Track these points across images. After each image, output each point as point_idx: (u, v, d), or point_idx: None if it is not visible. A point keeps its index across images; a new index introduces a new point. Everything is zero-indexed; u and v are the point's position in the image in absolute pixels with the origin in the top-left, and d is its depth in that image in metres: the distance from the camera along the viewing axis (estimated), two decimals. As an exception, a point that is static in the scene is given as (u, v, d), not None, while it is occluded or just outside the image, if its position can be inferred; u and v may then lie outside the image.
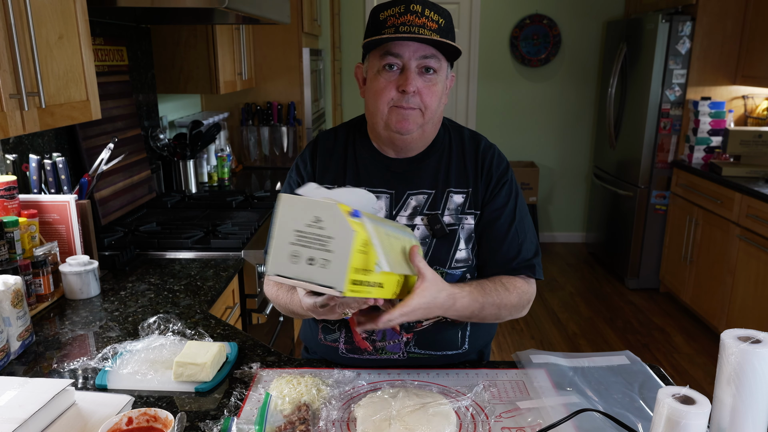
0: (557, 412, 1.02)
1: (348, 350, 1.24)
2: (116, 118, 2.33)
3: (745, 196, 3.06)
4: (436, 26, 1.11)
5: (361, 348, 1.22)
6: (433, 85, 1.14)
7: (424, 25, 1.10)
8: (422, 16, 1.10)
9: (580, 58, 4.77)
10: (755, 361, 0.81)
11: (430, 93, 1.14)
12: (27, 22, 1.28)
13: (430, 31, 1.10)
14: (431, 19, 1.11)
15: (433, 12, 1.12)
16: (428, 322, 1.21)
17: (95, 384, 1.13)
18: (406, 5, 1.11)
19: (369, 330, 1.16)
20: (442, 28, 1.12)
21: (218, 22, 2.69)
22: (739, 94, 3.74)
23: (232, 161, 3.37)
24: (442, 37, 1.10)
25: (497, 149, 1.27)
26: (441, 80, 1.16)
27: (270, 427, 0.99)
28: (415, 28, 1.10)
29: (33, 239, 1.56)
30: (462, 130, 1.29)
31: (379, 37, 1.10)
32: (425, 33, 1.09)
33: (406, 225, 1.19)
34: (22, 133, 1.29)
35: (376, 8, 1.14)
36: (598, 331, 3.54)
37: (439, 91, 1.16)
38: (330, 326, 1.26)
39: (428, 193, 1.21)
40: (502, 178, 1.23)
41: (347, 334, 1.24)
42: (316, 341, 1.30)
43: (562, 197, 5.09)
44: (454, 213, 1.21)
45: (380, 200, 1.21)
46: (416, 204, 1.21)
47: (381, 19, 1.13)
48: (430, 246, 1.20)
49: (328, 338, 1.27)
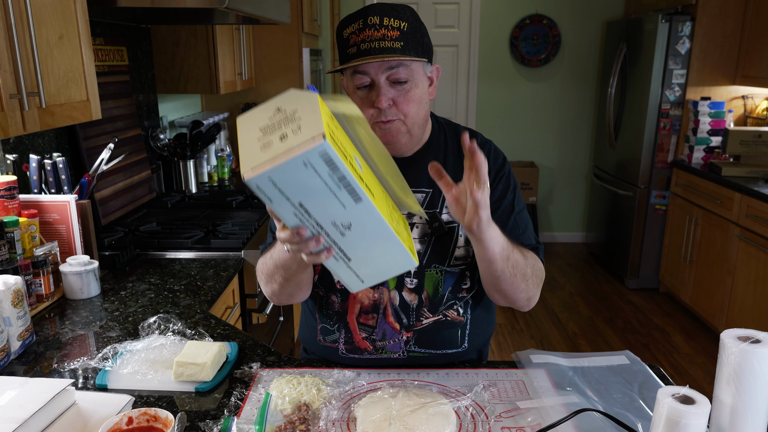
0: (557, 412, 1.02)
1: (348, 350, 1.24)
2: (116, 118, 2.33)
3: (744, 196, 3.06)
4: (397, 33, 1.08)
5: (361, 348, 1.22)
6: (407, 93, 1.13)
7: (383, 37, 1.08)
8: (381, 27, 1.08)
9: (579, 58, 4.77)
10: (755, 361, 0.81)
11: (405, 101, 1.13)
12: (27, 22, 1.28)
13: (392, 41, 1.08)
14: (391, 27, 1.09)
15: (392, 19, 1.09)
16: (428, 321, 1.22)
17: (95, 384, 1.13)
18: (364, 19, 1.09)
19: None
20: (406, 33, 1.09)
21: (218, 22, 2.69)
22: (738, 94, 3.74)
23: (233, 161, 3.37)
24: (405, 43, 1.08)
25: (494, 145, 1.27)
26: (417, 83, 1.14)
27: (270, 426, 0.99)
28: (375, 43, 1.08)
29: (33, 239, 1.57)
30: (458, 127, 1.29)
31: (344, 66, 1.11)
32: (386, 45, 1.08)
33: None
34: (22, 133, 1.29)
35: (340, 24, 1.13)
36: (598, 331, 3.54)
37: (417, 95, 1.14)
38: (329, 327, 1.26)
39: (426, 192, 1.22)
40: (499, 172, 1.24)
41: (347, 335, 1.24)
42: (315, 342, 1.30)
43: (562, 197, 5.09)
44: None
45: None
46: None
47: (344, 37, 1.12)
48: (429, 244, 1.20)
49: (327, 339, 1.26)
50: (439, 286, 1.21)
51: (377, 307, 1.21)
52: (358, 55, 1.09)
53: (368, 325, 1.22)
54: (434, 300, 1.21)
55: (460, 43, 4.75)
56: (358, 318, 1.22)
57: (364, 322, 1.22)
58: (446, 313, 1.23)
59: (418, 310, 1.21)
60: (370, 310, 1.21)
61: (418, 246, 1.20)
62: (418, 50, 1.11)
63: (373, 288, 1.20)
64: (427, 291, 1.21)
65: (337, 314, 1.24)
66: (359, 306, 1.22)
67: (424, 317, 1.21)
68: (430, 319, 1.21)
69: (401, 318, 1.21)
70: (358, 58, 1.08)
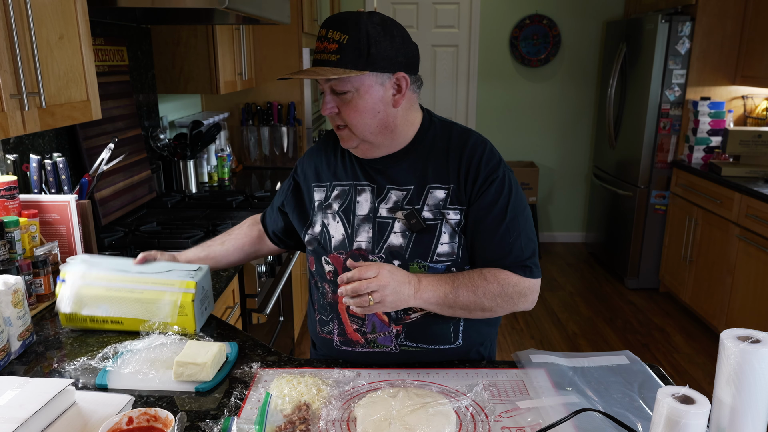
0: (557, 411, 1.02)
1: (341, 342, 1.27)
2: (116, 118, 2.33)
3: (744, 196, 3.06)
4: (335, 46, 1.12)
5: (353, 340, 1.25)
6: (350, 103, 1.16)
7: (324, 49, 1.14)
8: (324, 39, 1.13)
9: (579, 58, 4.77)
10: (755, 361, 0.81)
11: (348, 111, 1.17)
12: (27, 22, 1.28)
13: (329, 53, 1.13)
14: (332, 40, 1.12)
15: (334, 31, 1.12)
16: (416, 315, 1.22)
17: (95, 384, 1.13)
18: (321, 29, 1.15)
19: (357, 316, 1.23)
20: (344, 45, 1.12)
21: (218, 23, 2.69)
22: (738, 94, 3.74)
23: (233, 161, 3.38)
24: (342, 56, 1.11)
25: (489, 146, 1.25)
26: (362, 94, 1.16)
27: (270, 426, 0.99)
28: (318, 54, 1.15)
29: (33, 239, 1.57)
30: (452, 127, 1.28)
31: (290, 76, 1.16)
32: (324, 57, 1.13)
33: (387, 217, 1.22)
34: (22, 133, 1.30)
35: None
36: (597, 331, 3.54)
37: (362, 105, 1.16)
38: (324, 318, 1.29)
39: (407, 189, 1.23)
40: (491, 175, 1.21)
41: (339, 326, 1.26)
42: (316, 334, 1.34)
43: (562, 197, 5.09)
44: (434, 208, 1.21)
45: (365, 192, 1.25)
46: (396, 198, 1.23)
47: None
48: (410, 239, 1.21)
49: (323, 330, 1.30)
50: None
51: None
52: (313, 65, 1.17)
53: (358, 317, 1.24)
54: None
55: (460, 43, 4.75)
56: (347, 309, 1.24)
57: (353, 314, 1.24)
58: None
59: None
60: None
61: (400, 240, 1.21)
62: (358, 62, 1.12)
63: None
64: None
65: (330, 305, 1.27)
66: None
67: (411, 311, 1.22)
68: (418, 313, 1.22)
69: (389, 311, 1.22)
70: (300, 71, 1.16)
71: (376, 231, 1.23)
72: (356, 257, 1.23)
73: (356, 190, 1.26)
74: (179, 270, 1.38)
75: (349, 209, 1.26)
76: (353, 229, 1.24)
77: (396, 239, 1.21)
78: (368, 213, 1.24)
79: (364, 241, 1.23)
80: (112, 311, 1.34)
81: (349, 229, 1.25)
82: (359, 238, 1.24)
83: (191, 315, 1.33)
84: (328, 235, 1.26)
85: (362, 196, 1.25)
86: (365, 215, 1.24)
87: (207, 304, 1.42)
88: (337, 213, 1.27)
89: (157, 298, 1.33)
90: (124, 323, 1.35)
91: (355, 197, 1.26)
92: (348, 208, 1.26)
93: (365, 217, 1.24)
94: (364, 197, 1.25)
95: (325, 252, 1.27)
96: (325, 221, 1.27)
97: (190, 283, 1.33)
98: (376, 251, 1.22)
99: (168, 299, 1.32)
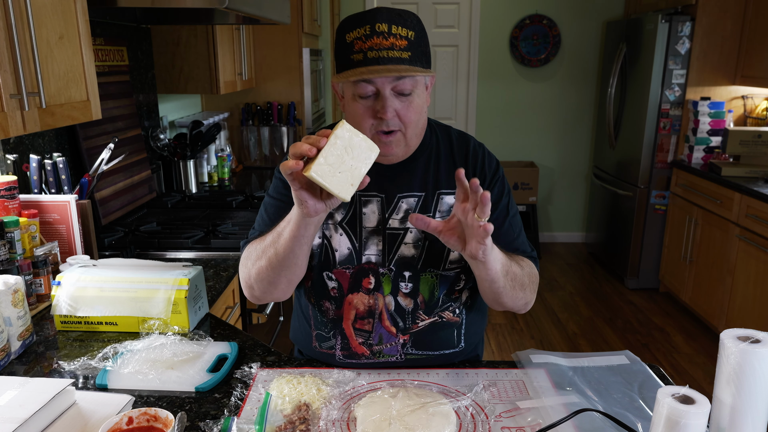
0: (557, 411, 1.02)
1: (345, 356, 1.23)
2: (116, 118, 2.33)
3: (744, 196, 3.06)
4: (405, 43, 1.05)
5: (359, 353, 1.21)
6: (410, 104, 1.10)
7: (392, 46, 1.04)
8: (389, 35, 1.04)
9: (579, 58, 4.77)
10: (755, 361, 0.81)
11: (408, 111, 1.10)
12: (27, 22, 1.28)
13: (400, 50, 1.04)
14: (399, 36, 1.04)
15: (400, 27, 1.05)
16: (424, 324, 1.22)
17: (95, 384, 1.13)
18: (371, 26, 1.04)
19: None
20: (413, 42, 1.06)
21: (218, 23, 2.69)
22: (738, 94, 3.74)
23: (233, 161, 3.38)
24: (413, 54, 1.05)
25: (486, 149, 1.27)
26: (419, 94, 1.11)
27: (270, 426, 0.99)
28: (383, 51, 1.03)
29: (33, 239, 1.57)
30: (449, 130, 1.27)
31: (355, 78, 1.05)
32: (395, 55, 1.04)
33: (398, 228, 1.19)
34: (22, 133, 1.29)
35: (342, 27, 1.08)
36: (597, 331, 3.54)
37: (419, 104, 1.11)
38: (324, 334, 1.24)
39: (418, 196, 1.20)
40: (494, 176, 1.23)
41: (343, 341, 1.22)
42: (311, 348, 1.28)
43: (561, 197, 5.09)
44: (446, 214, 1.19)
45: (371, 204, 1.20)
46: (407, 207, 1.19)
47: (348, 41, 1.06)
48: (423, 249, 1.19)
49: (323, 346, 1.25)
50: (434, 289, 1.20)
51: (372, 312, 1.20)
52: (364, 62, 1.04)
53: (364, 330, 1.21)
54: (430, 303, 1.21)
55: (460, 43, 4.75)
56: (353, 324, 1.21)
57: (360, 327, 1.21)
58: (442, 314, 1.22)
59: (414, 313, 1.21)
60: (366, 315, 1.21)
61: (412, 250, 1.19)
62: (423, 60, 1.08)
63: (368, 294, 1.20)
64: (422, 295, 1.20)
65: (332, 321, 1.23)
66: (354, 312, 1.21)
67: (419, 320, 1.21)
68: (425, 321, 1.21)
69: (397, 322, 1.21)
70: (366, 67, 1.04)
71: (386, 243, 1.19)
72: (365, 272, 1.19)
73: (361, 200, 1.20)
74: (173, 269, 1.40)
75: (355, 221, 1.19)
76: (361, 243, 1.19)
77: (407, 250, 1.18)
78: (377, 225, 1.19)
79: (374, 254, 1.19)
80: (107, 311, 1.35)
81: (356, 242, 1.19)
82: (368, 251, 1.19)
83: (185, 312, 1.34)
84: (331, 249, 1.20)
85: (368, 207, 1.19)
86: (374, 227, 1.19)
87: (201, 304, 1.42)
88: (339, 224, 1.20)
89: (151, 296, 1.34)
90: (118, 324, 1.36)
91: (360, 208, 1.20)
92: (353, 220, 1.20)
93: (374, 229, 1.19)
94: (370, 209, 1.19)
95: (328, 267, 1.20)
96: (327, 233, 1.20)
97: (183, 280, 1.35)
98: (386, 264, 1.19)
99: (161, 296, 1.34)
